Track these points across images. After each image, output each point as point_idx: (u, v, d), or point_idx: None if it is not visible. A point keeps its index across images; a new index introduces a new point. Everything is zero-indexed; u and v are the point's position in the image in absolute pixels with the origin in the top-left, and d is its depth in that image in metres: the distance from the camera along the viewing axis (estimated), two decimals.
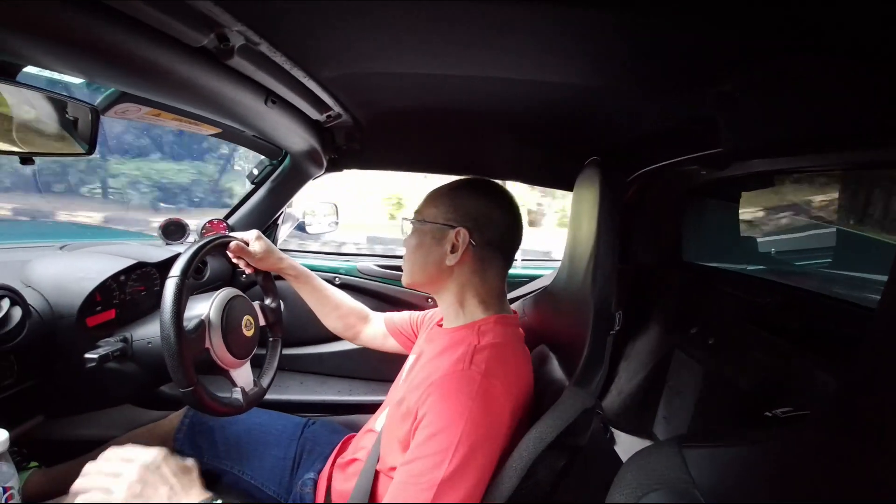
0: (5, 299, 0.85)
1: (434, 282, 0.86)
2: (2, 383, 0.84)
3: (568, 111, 1.00)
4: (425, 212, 0.86)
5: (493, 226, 0.82)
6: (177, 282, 0.79)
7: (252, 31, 0.64)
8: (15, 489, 0.67)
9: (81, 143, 0.80)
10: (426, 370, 0.75)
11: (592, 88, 0.85)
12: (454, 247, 0.80)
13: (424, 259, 0.84)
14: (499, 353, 0.73)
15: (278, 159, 1.46)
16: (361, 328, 1.14)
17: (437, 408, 0.65)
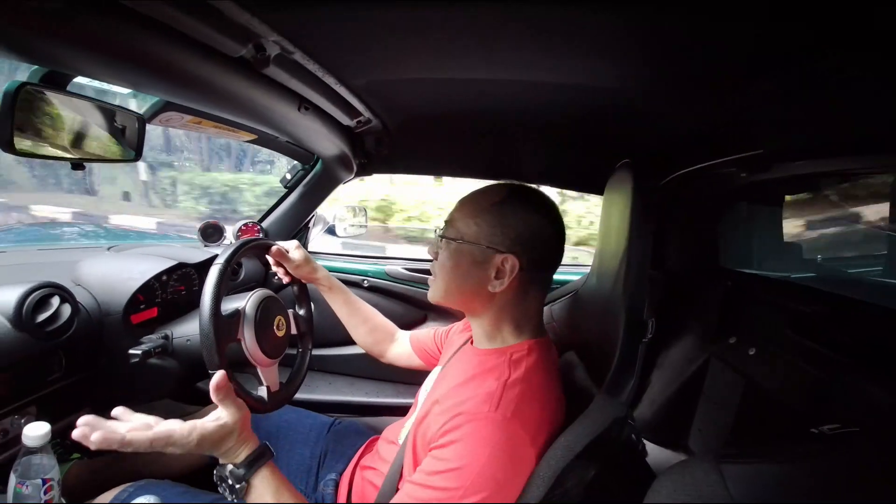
0: (56, 297, 0.90)
1: (471, 305, 0.78)
2: (50, 377, 0.90)
3: (599, 114, 0.98)
4: (463, 229, 0.74)
5: (542, 247, 0.74)
6: (220, 268, 0.84)
7: (287, 41, 0.66)
8: (55, 481, 0.71)
9: (128, 150, 0.85)
10: (455, 396, 0.69)
11: (625, 90, 0.83)
12: (499, 272, 0.71)
13: (462, 283, 0.76)
14: (529, 391, 0.68)
15: (310, 164, 1.49)
16: (388, 346, 1.14)
17: (460, 444, 0.62)
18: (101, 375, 1.01)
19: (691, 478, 0.53)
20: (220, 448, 0.67)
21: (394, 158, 1.43)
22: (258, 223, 1.55)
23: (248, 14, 0.57)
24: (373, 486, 0.82)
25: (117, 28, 0.53)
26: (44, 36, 0.51)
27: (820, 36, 0.55)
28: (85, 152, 0.78)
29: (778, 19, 0.53)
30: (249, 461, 0.67)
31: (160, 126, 1.01)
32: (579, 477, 0.62)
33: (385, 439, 0.91)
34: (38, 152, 0.70)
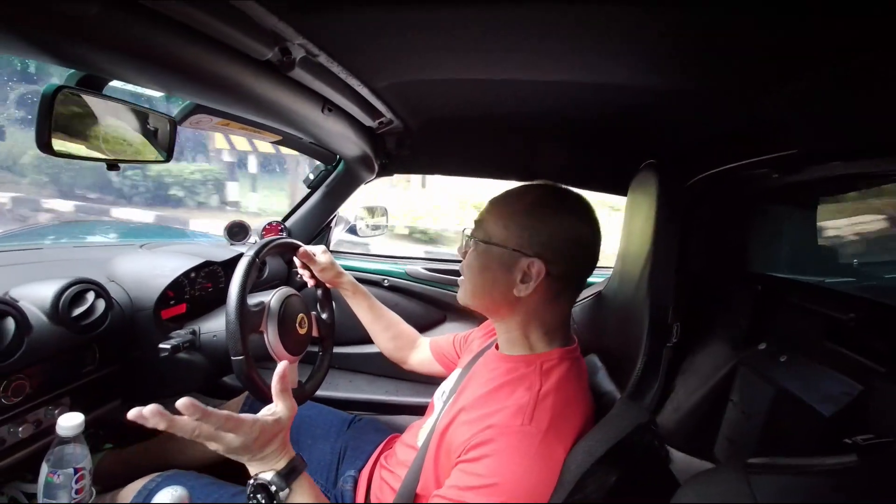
0: (91, 292, 0.94)
1: (496, 309, 0.76)
2: (84, 370, 0.93)
3: (623, 113, 0.96)
4: (492, 231, 0.72)
5: (573, 253, 0.71)
6: (249, 259, 0.88)
7: (312, 44, 0.67)
8: (86, 470, 0.73)
9: (161, 151, 0.88)
10: (483, 406, 0.68)
11: (652, 89, 0.81)
12: (525, 277, 0.69)
13: (487, 286, 0.74)
14: (562, 402, 0.66)
15: (333, 164, 1.51)
16: (410, 352, 1.13)
17: (493, 459, 0.60)
18: (132, 368, 1.05)
19: (718, 487, 0.52)
20: (267, 448, 0.64)
21: (415, 159, 1.44)
22: (281, 222, 1.58)
23: (276, 18, 0.58)
24: (390, 489, 0.81)
25: (150, 33, 0.55)
26: (81, 41, 0.53)
27: (858, 35, 0.52)
28: (119, 153, 0.81)
29: (815, 18, 0.52)
30: (290, 468, 0.64)
31: (190, 128, 1.04)
32: (600, 482, 0.61)
33: (403, 442, 0.90)
34: (75, 153, 0.73)
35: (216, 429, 0.60)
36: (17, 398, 0.79)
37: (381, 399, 1.48)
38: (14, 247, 1.35)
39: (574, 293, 0.76)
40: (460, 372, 0.88)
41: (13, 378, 0.78)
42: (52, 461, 0.71)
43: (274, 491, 0.62)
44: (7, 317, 0.77)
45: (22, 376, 0.80)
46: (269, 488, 0.63)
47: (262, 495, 0.63)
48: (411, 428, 0.93)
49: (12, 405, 0.79)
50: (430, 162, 1.49)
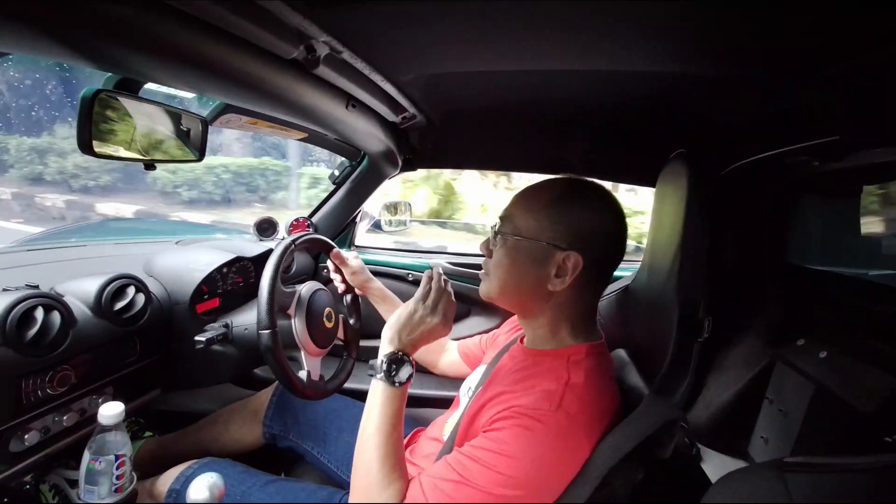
0: (131, 286, 0.98)
1: (526, 305, 0.75)
2: (126, 360, 0.98)
3: (653, 101, 0.94)
4: (521, 224, 0.71)
5: (604, 244, 0.70)
6: (287, 243, 0.94)
7: (336, 41, 0.68)
8: (127, 457, 0.77)
9: (193, 151, 0.90)
10: (510, 395, 0.67)
11: (683, 76, 0.78)
12: (560, 271, 0.68)
13: (519, 281, 0.72)
14: (590, 394, 0.65)
15: (357, 160, 1.53)
16: (439, 356, 1.14)
17: (514, 432, 0.61)
18: (170, 359, 1.09)
19: (752, 486, 0.50)
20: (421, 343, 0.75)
21: (439, 153, 1.44)
22: (308, 218, 1.61)
23: (301, 16, 0.59)
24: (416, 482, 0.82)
25: (183, 34, 0.56)
26: (118, 43, 0.55)
27: None
28: (155, 153, 0.84)
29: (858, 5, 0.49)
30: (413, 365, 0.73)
31: (220, 127, 1.07)
32: (627, 478, 0.61)
33: (427, 436, 0.91)
34: (114, 154, 0.76)
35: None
36: (63, 388, 0.84)
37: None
38: (59, 244, 1.42)
39: (603, 286, 0.75)
40: (486, 367, 0.88)
41: (59, 369, 0.83)
42: (94, 448, 0.75)
43: (408, 364, 0.73)
44: (53, 310, 0.81)
45: (67, 367, 0.84)
46: (405, 362, 0.73)
47: (395, 366, 0.72)
48: (436, 422, 0.93)
49: (58, 395, 0.83)
50: (455, 156, 1.49)
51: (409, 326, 0.74)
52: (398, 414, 0.71)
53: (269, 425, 1.14)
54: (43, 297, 0.80)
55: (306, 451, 1.11)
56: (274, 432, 1.14)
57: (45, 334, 0.79)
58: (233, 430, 1.17)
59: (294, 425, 1.13)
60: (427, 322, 0.74)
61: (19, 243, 1.56)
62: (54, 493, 0.91)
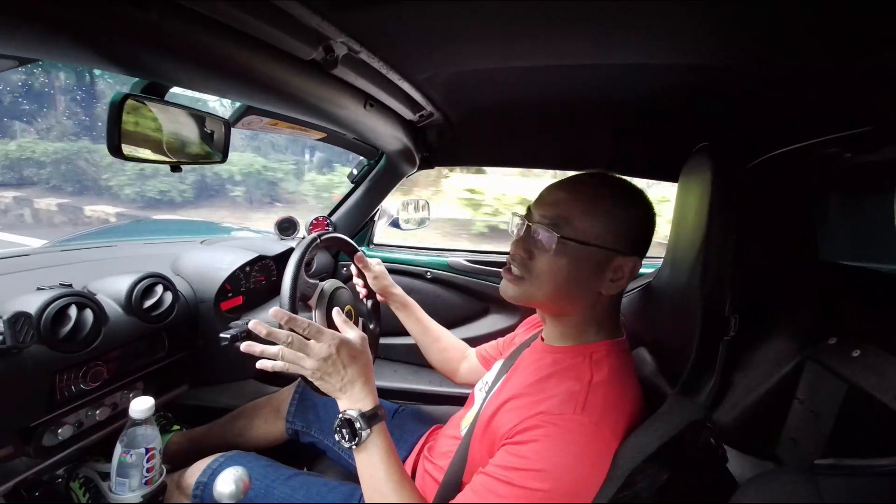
0: (159, 285, 1.01)
1: (565, 307, 0.72)
2: (156, 356, 1.01)
3: (675, 94, 0.91)
4: (580, 226, 0.66)
5: (646, 244, 0.70)
6: (313, 237, 0.96)
7: (354, 41, 0.69)
8: (157, 449, 0.80)
9: (217, 153, 0.93)
10: (531, 394, 0.67)
11: (708, 68, 0.76)
12: (617, 275, 0.67)
13: (574, 286, 0.68)
14: (614, 393, 0.64)
15: (375, 159, 1.54)
16: (459, 364, 1.13)
17: (542, 444, 0.59)
18: (196, 356, 1.12)
19: (781, 489, 0.49)
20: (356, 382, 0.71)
21: (457, 151, 1.43)
22: (327, 217, 1.63)
23: (319, 17, 0.60)
24: (433, 480, 0.82)
25: (206, 39, 0.58)
26: (147, 49, 0.57)
27: None
28: (181, 156, 0.86)
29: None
30: (373, 412, 0.70)
31: (243, 129, 1.09)
32: (651, 479, 0.59)
33: (445, 434, 0.91)
34: (142, 157, 0.78)
35: (302, 335, 0.70)
36: (96, 383, 0.87)
37: (424, 389, 1.50)
38: (91, 244, 1.48)
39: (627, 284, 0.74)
40: (502, 363, 0.87)
41: (92, 365, 0.86)
42: (125, 442, 0.78)
43: (357, 428, 0.69)
44: (86, 308, 0.84)
45: (100, 363, 0.88)
46: (353, 424, 0.69)
47: (346, 430, 0.69)
48: (453, 420, 0.94)
49: (91, 390, 0.86)
50: (473, 153, 1.48)
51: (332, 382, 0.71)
52: (391, 454, 0.70)
53: (292, 421, 1.16)
54: (76, 296, 0.83)
55: (328, 447, 1.12)
56: (296, 428, 1.16)
57: (78, 331, 0.82)
58: (257, 426, 1.20)
59: (315, 422, 1.14)
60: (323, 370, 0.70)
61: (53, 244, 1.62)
62: (84, 489, 0.94)
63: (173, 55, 0.60)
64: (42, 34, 0.49)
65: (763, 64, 0.72)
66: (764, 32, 0.62)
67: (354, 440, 0.68)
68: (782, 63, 0.70)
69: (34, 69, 6.97)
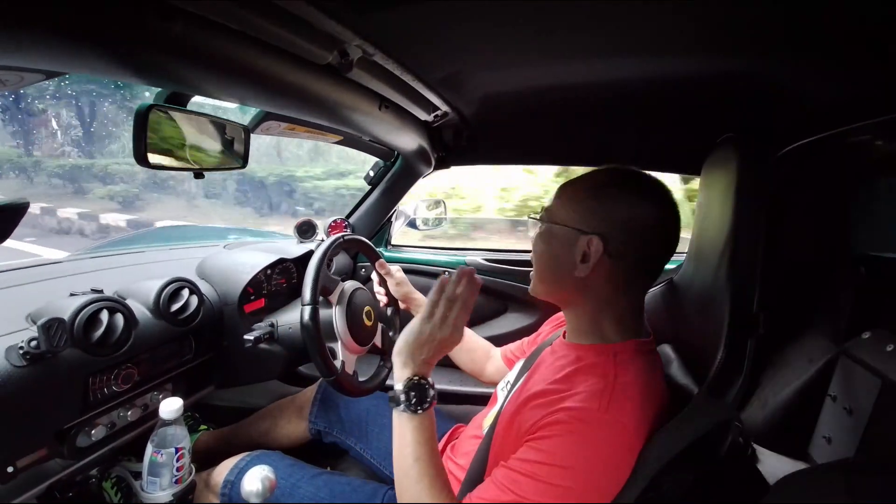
0: (186, 289, 1.04)
1: (563, 294, 0.75)
2: (183, 358, 1.04)
3: (699, 85, 0.89)
4: (557, 213, 0.73)
5: (638, 233, 0.68)
6: (336, 238, 0.99)
7: (368, 44, 0.69)
8: (186, 449, 0.82)
9: (237, 159, 0.95)
10: (555, 391, 0.66)
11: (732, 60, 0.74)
12: (585, 256, 0.68)
13: (549, 268, 0.74)
14: (639, 393, 0.63)
15: (391, 161, 1.55)
16: (485, 364, 1.13)
17: (565, 440, 0.59)
18: (222, 357, 1.15)
19: (815, 488, 0.47)
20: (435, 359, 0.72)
21: (473, 150, 1.43)
22: (345, 219, 1.64)
23: (334, 22, 0.60)
24: (456, 480, 0.81)
25: (227, 48, 0.59)
26: (170, 59, 0.58)
27: None
28: (203, 162, 0.88)
29: None
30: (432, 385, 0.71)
31: (262, 135, 1.11)
32: (677, 480, 0.58)
33: (467, 434, 0.90)
34: (167, 164, 0.81)
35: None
36: (127, 385, 0.90)
37: (445, 388, 1.50)
38: (120, 251, 1.53)
39: (647, 280, 0.73)
40: (524, 361, 0.87)
41: (123, 367, 0.89)
42: (156, 442, 0.80)
43: (431, 395, 0.69)
44: (117, 313, 0.87)
45: (131, 365, 0.91)
46: (426, 390, 0.69)
47: (414, 393, 0.69)
48: (475, 419, 0.93)
49: (122, 391, 0.89)
50: (489, 152, 1.48)
51: (418, 346, 0.71)
52: (432, 437, 0.70)
53: (314, 422, 1.18)
54: (107, 301, 0.86)
55: (350, 447, 1.14)
56: (319, 428, 1.18)
57: (110, 335, 0.84)
58: (281, 426, 1.22)
59: (337, 422, 1.16)
60: (436, 338, 0.71)
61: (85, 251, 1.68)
62: (116, 489, 0.98)
63: (196, 65, 0.61)
64: (70, 47, 0.50)
65: (789, 55, 0.69)
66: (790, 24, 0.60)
67: (423, 405, 0.68)
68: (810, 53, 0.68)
69: None
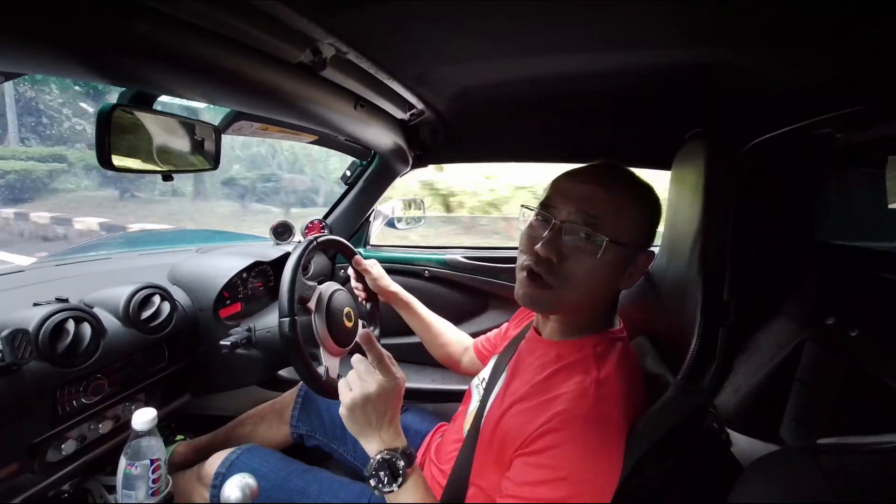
0: (157, 295, 1.01)
1: (581, 308, 0.70)
2: (156, 367, 1.01)
3: (668, 81, 0.91)
4: (612, 225, 0.63)
5: (654, 236, 0.69)
6: (310, 240, 0.97)
7: (341, 42, 0.68)
8: (162, 460, 0.80)
9: (209, 160, 0.92)
10: (540, 393, 0.65)
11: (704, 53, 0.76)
12: (636, 270, 0.67)
13: (605, 288, 0.68)
14: (622, 386, 0.64)
15: (368, 160, 1.54)
16: (461, 357, 1.13)
17: (561, 450, 0.58)
18: (198, 365, 1.12)
19: (786, 469, 0.49)
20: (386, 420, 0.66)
21: (450, 148, 1.43)
22: (322, 220, 1.62)
23: (305, 19, 0.59)
24: (438, 486, 0.80)
25: (194, 46, 0.57)
26: (133, 58, 0.56)
27: None
28: (172, 164, 0.85)
29: None
30: (408, 452, 0.66)
31: (233, 135, 1.08)
32: (657, 467, 0.60)
33: (449, 437, 0.90)
34: (133, 167, 0.78)
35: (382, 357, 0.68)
36: (97, 396, 0.87)
37: (428, 387, 1.50)
38: (85, 258, 1.47)
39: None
40: (497, 359, 0.86)
41: (92, 378, 0.86)
42: (129, 454, 0.78)
43: (402, 467, 0.63)
44: (84, 322, 0.84)
45: (100, 376, 0.87)
46: (395, 464, 0.63)
47: (384, 472, 0.64)
48: (455, 420, 0.93)
49: (92, 403, 0.86)
50: (467, 150, 1.48)
51: (364, 415, 0.66)
52: (427, 493, 0.66)
53: (296, 425, 1.16)
54: (73, 310, 0.83)
55: (333, 450, 1.12)
56: (301, 432, 1.16)
57: (77, 345, 0.81)
58: (261, 431, 1.20)
59: (320, 425, 1.14)
60: (370, 394, 0.65)
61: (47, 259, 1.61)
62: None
63: (161, 63, 0.59)
64: (27, 47, 0.48)
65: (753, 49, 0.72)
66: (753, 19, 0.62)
67: (396, 481, 0.63)
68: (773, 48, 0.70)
69: None
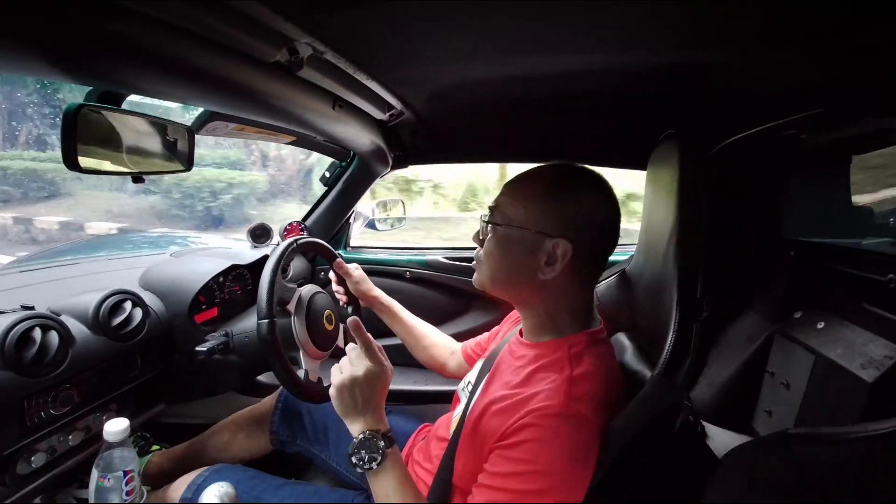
0: (128, 301, 0.98)
1: (521, 295, 0.74)
2: (128, 375, 0.98)
3: (642, 83, 0.93)
4: (512, 214, 0.71)
5: (596, 230, 0.69)
6: (289, 243, 0.95)
7: (318, 42, 0.68)
8: (135, 472, 0.77)
9: (182, 161, 0.90)
10: (515, 394, 0.67)
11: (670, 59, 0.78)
12: (550, 259, 0.68)
13: (510, 270, 0.72)
14: (595, 384, 0.65)
15: (347, 161, 1.52)
16: (447, 360, 1.12)
17: (533, 444, 0.60)
18: (172, 372, 1.09)
19: (758, 459, 0.51)
20: (372, 404, 0.71)
21: (430, 149, 1.43)
22: (301, 222, 1.60)
23: (281, 18, 0.59)
24: (424, 484, 0.81)
25: (164, 44, 0.56)
26: (100, 57, 0.54)
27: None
28: (143, 166, 0.83)
29: None
30: (389, 435, 0.69)
31: (207, 136, 1.06)
32: (637, 462, 0.61)
33: (435, 436, 0.90)
34: (101, 168, 0.75)
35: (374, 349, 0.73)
36: (66, 407, 0.83)
37: (411, 389, 1.50)
38: (52, 263, 1.41)
39: (598, 272, 0.75)
40: (483, 362, 0.87)
41: (61, 388, 0.82)
42: (101, 466, 0.75)
43: (382, 446, 0.67)
44: (51, 330, 0.81)
45: (69, 386, 0.84)
46: (375, 443, 0.67)
47: (365, 451, 0.67)
48: (440, 421, 0.93)
49: (62, 414, 0.83)
50: (446, 150, 1.48)
51: (352, 397, 0.70)
52: (405, 475, 0.69)
53: (276, 431, 1.14)
54: (39, 318, 0.80)
55: (315, 455, 1.11)
56: (281, 438, 1.14)
57: (44, 354, 0.78)
58: (240, 439, 1.17)
59: (301, 430, 1.13)
60: (358, 378, 0.70)
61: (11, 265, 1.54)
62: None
63: (130, 62, 0.57)
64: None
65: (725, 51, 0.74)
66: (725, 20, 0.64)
67: (376, 460, 0.66)
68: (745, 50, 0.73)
69: None
